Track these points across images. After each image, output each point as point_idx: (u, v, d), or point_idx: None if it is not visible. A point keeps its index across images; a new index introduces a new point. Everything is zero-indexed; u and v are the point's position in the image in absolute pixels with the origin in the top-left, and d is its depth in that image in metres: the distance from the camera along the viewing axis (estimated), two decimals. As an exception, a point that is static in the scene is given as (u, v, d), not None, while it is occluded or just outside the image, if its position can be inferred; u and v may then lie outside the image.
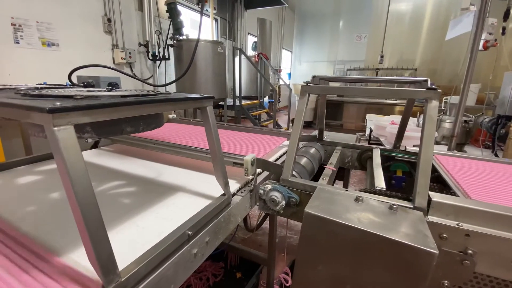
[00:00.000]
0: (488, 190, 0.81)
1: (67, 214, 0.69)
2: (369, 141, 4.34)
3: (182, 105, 0.63)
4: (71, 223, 0.65)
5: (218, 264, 1.77)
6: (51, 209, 0.72)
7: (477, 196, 0.75)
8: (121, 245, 0.56)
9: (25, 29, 2.91)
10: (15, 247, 0.56)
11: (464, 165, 1.05)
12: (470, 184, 0.85)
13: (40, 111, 0.37)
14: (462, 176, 0.91)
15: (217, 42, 3.95)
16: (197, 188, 0.85)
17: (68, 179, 0.38)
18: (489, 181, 0.88)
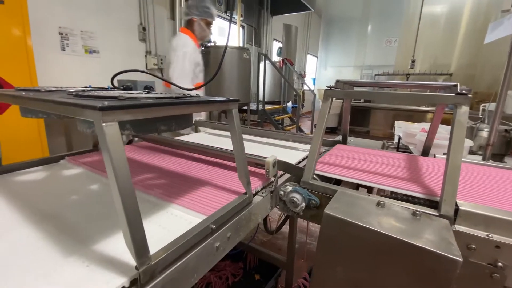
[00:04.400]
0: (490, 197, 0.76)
1: (105, 201, 0.77)
2: (397, 149, 4.14)
3: (210, 107, 0.68)
4: (109, 210, 0.72)
5: (238, 264, 1.80)
6: (89, 198, 0.80)
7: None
8: (152, 232, 0.61)
9: (70, 37, 3.21)
10: (58, 230, 0.63)
11: (491, 173, 0.99)
12: (473, 191, 0.80)
13: (93, 109, 0.43)
14: (470, 183, 0.86)
15: (243, 48, 4.05)
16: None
17: (112, 168, 0.44)
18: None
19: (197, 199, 0.78)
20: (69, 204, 0.76)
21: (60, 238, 0.59)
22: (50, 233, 0.62)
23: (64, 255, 0.54)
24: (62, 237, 0.60)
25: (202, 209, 0.72)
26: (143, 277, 0.47)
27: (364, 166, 1.01)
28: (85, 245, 0.57)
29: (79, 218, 0.69)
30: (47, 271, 0.49)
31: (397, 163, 1.08)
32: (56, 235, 0.61)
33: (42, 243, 0.58)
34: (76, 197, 0.81)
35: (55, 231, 0.62)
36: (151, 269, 0.48)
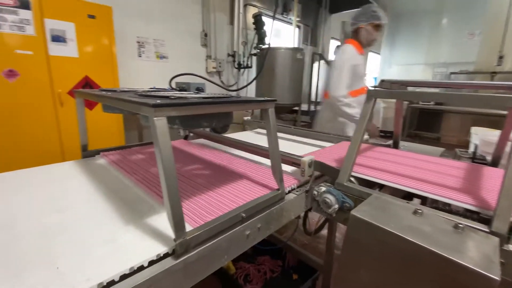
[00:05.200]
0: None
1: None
2: (473, 159, 3.54)
3: (247, 106, 0.74)
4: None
5: (276, 261, 1.84)
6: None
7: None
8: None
9: (146, 45, 3.71)
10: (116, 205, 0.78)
11: None
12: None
13: (147, 106, 0.53)
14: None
15: (297, 49, 4.05)
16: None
17: (160, 156, 0.53)
18: None
19: (232, 190, 0.86)
20: (133, 184, 0.92)
21: (122, 211, 0.74)
22: (117, 205, 0.77)
23: (124, 224, 0.67)
24: (124, 210, 0.74)
25: (235, 199, 0.79)
26: (179, 249, 0.56)
27: (410, 171, 0.94)
28: (141, 218, 0.70)
29: (136, 197, 0.83)
30: (112, 233, 0.63)
31: (449, 171, 0.97)
32: (120, 208, 0.75)
33: (110, 212, 0.73)
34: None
35: (120, 203, 0.78)
36: (186, 243, 0.57)
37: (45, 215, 0.69)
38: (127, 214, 0.72)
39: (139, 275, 0.51)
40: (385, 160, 1.10)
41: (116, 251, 0.55)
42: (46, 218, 0.68)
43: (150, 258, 0.54)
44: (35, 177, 0.96)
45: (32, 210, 0.72)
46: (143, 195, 0.84)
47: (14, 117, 2.18)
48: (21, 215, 0.69)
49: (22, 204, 0.76)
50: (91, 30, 2.51)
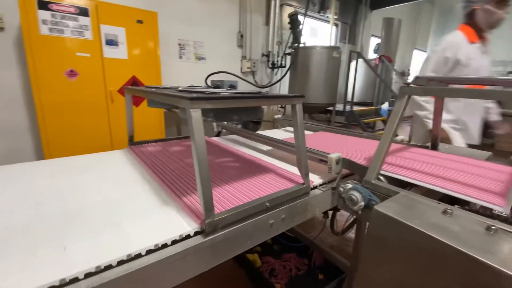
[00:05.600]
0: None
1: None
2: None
3: (275, 101, 0.78)
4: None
5: (303, 260, 1.85)
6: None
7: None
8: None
9: (186, 47, 3.94)
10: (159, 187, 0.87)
11: None
12: None
13: (185, 98, 0.60)
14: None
15: (333, 47, 3.95)
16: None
17: (194, 144, 0.60)
18: None
19: (259, 182, 0.90)
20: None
21: (159, 192, 0.83)
22: (156, 187, 0.86)
23: (162, 204, 0.75)
24: (162, 192, 0.83)
25: (261, 190, 0.84)
26: (207, 228, 0.62)
27: (446, 173, 0.89)
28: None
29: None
30: (150, 211, 0.71)
31: (492, 175, 0.89)
32: (159, 189, 0.84)
33: (149, 193, 0.82)
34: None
35: (158, 186, 0.87)
36: (214, 223, 0.63)
37: (88, 195, 0.81)
38: (165, 195, 0.80)
39: (172, 248, 0.58)
40: (420, 161, 1.05)
41: (153, 227, 0.63)
42: (90, 197, 0.79)
43: (184, 234, 0.61)
44: (90, 162, 1.12)
45: (80, 190, 0.84)
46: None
47: (73, 112, 2.50)
48: (69, 193, 0.82)
49: (76, 183, 0.89)
50: (139, 34, 2.76)
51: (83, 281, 0.48)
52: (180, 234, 0.60)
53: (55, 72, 2.36)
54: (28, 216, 0.67)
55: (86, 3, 2.42)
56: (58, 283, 0.46)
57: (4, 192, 0.81)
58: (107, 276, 0.48)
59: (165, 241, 0.58)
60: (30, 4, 2.18)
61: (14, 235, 0.59)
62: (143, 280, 0.53)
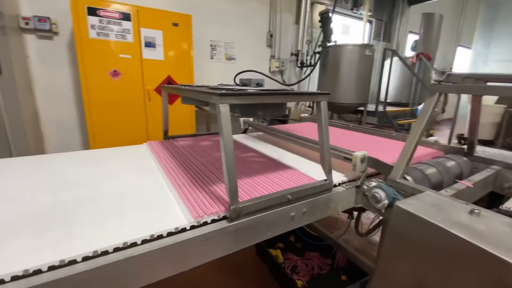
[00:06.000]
0: None
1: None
2: None
3: (300, 98, 0.81)
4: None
5: (325, 260, 1.84)
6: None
7: None
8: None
9: (217, 48, 4.08)
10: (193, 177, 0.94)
11: None
12: None
13: (215, 94, 0.66)
14: None
15: (366, 45, 3.82)
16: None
17: (222, 136, 0.65)
18: None
19: (282, 177, 0.94)
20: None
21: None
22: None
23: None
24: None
25: (284, 184, 0.87)
26: (232, 213, 0.67)
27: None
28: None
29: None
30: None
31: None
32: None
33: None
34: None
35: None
36: (238, 210, 0.68)
37: (103, 185, 0.90)
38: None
39: (199, 230, 0.64)
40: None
41: (167, 215, 0.70)
42: (104, 187, 0.88)
43: (212, 217, 0.67)
44: (128, 152, 1.23)
45: (113, 177, 0.94)
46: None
47: (115, 108, 2.74)
48: (101, 180, 0.92)
49: (109, 171, 1.00)
50: (174, 36, 2.93)
51: (80, 263, 0.51)
52: (211, 217, 0.67)
53: (100, 72, 2.61)
54: (45, 202, 0.73)
55: (128, 9, 2.63)
56: (58, 263, 0.50)
57: (31, 179, 0.90)
58: (102, 260, 0.52)
59: (184, 225, 0.64)
60: (81, 10, 2.43)
61: (29, 219, 0.65)
62: (174, 257, 0.59)
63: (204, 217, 0.66)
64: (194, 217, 0.65)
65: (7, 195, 0.78)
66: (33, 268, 0.47)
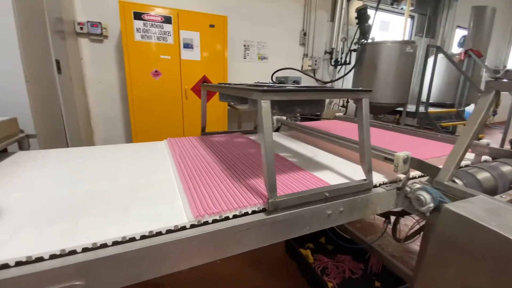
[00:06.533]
0: None
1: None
2: None
3: (340, 95, 0.80)
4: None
5: (358, 264, 1.78)
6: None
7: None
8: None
9: (250, 48, 4.14)
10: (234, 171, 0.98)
11: None
12: None
13: (258, 91, 0.68)
14: None
15: (407, 41, 3.60)
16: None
17: (263, 131, 0.67)
18: None
19: (319, 175, 0.93)
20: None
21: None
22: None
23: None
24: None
25: (321, 182, 0.87)
26: (270, 206, 0.69)
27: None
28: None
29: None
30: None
31: None
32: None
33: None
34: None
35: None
36: (276, 203, 0.69)
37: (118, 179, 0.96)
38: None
39: (240, 219, 0.67)
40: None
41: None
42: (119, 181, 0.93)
43: (251, 209, 0.69)
44: (139, 150, 1.29)
45: (112, 174, 1.01)
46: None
47: (155, 106, 2.92)
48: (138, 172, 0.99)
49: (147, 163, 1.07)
50: (211, 37, 3.04)
51: (80, 254, 0.52)
52: (252, 208, 0.69)
53: (143, 72, 2.80)
54: (60, 194, 0.77)
55: (170, 12, 2.79)
56: (59, 253, 0.51)
57: (50, 172, 0.94)
58: (101, 253, 0.53)
59: (237, 212, 0.67)
60: (128, 15, 2.63)
61: (42, 209, 0.68)
62: (217, 242, 0.63)
63: (225, 212, 0.69)
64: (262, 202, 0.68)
65: (31, 184, 0.85)
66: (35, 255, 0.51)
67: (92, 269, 0.51)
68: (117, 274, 0.53)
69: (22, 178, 0.89)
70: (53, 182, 0.86)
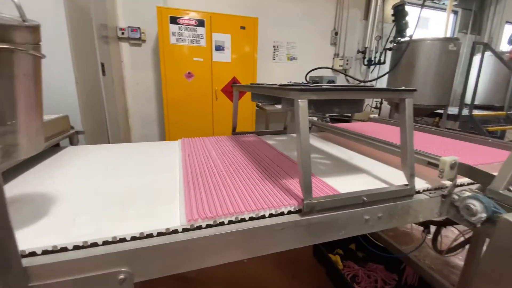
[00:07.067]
0: None
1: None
2: None
3: (382, 95, 0.76)
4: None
5: (391, 275, 1.69)
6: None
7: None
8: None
9: (279, 49, 4.12)
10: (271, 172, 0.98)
11: None
12: None
13: (295, 90, 0.67)
14: None
15: (449, 39, 3.34)
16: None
17: (299, 130, 0.66)
18: None
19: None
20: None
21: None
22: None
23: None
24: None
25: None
26: (305, 207, 0.68)
27: None
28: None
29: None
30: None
31: None
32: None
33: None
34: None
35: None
36: (311, 205, 0.68)
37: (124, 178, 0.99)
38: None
39: (276, 219, 0.66)
40: None
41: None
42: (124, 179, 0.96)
43: (286, 210, 0.69)
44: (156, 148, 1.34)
45: (123, 172, 1.04)
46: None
47: (187, 106, 3.03)
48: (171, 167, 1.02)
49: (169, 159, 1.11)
50: (241, 39, 3.08)
51: (72, 251, 0.52)
52: (286, 209, 0.69)
53: (177, 74, 2.92)
54: (69, 190, 0.79)
55: (203, 16, 2.88)
56: (51, 249, 0.52)
57: (98, 164, 1.00)
58: (92, 251, 0.52)
59: (275, 212, 0.67)
60: (165, 20, 2.77)
61: (46, 204, 0.69)
62: (253, 240, 0.63)
63: (256, 211, 0.69)
64: (297, 203, 0.68)
65: (82, 175, 0.94)
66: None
67: (138, 257, 0.53)
68: (159, 263, 0.55)
69: (74, 169, 0.97)
70: (100, 174, 0.93)
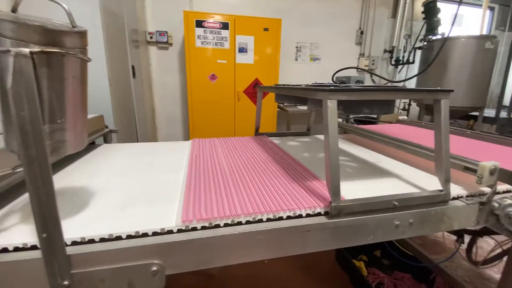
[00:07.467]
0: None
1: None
2: None
3: (415, 95, 0.73)
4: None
5: (420, 285, 1.61)
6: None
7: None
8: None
9: (302, 49, 4.09)
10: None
11: None
12: None
13: (324, 90, 0.66)
14: None
15: (485, 36, 3.12)
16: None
17: (328, 130, 0.65)
18: None
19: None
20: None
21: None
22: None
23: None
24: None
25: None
26: (333, 210, 0.66)
27: None
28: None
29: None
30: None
31: None
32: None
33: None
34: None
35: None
36: (339, 207, 0.67)
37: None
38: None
39: (305, 220, 0.66)
40: None
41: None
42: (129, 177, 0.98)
43: (313, 212, 0.68)
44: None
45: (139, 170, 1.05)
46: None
47: (210, 108, 3.10)
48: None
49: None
50: (264, 41, 3.10)
51: (69, 247, 0.52)
52: (312, 211, 0.68)
53: (202, 76, 3.00)
54: (108, 185, 0.81)
55: (227, 18, 2.93)
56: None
57: (133, 160, 1.04)
58: (88, 248, 0.53)
59: (299, 213, 0.66)
60: (191, 24, 2.85)
61: (88, 197, 0.71)
62: (279, 240, 0.63)
63: (271, 213, 0.68)
64: (324, 206, 0.68)
65: (117, 171, 0.99)
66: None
67: (170, 250, 0.56)
68: (190, 258, 0.57)
69: (111, 166, 1.03)
70: (135, 170, 0.99)
